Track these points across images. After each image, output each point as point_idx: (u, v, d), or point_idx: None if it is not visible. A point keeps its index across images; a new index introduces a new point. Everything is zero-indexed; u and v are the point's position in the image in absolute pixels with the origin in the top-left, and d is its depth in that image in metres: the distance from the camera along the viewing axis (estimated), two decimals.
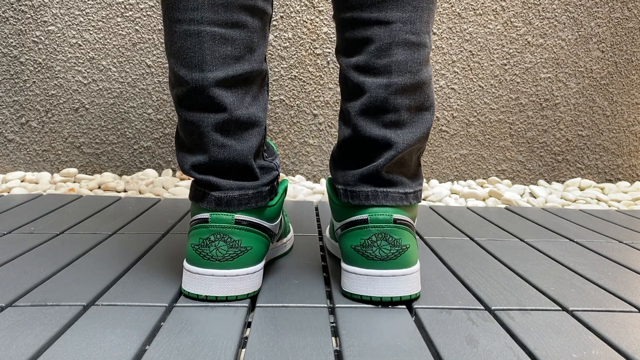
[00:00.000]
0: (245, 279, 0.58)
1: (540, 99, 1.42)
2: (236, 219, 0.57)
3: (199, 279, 0.57)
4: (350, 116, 0.60)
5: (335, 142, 0.66)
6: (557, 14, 1.39)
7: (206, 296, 0.58)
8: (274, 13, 1.34)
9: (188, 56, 0.56)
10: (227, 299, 0.58)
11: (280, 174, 0.64)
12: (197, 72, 0.56)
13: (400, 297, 0.58)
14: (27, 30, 1.32)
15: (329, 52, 1.36)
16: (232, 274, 0.57)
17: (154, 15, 1.33)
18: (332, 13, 0.63)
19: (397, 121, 0.59)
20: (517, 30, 1.39)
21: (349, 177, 0.60)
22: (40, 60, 1.33)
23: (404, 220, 0.59)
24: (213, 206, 0.57)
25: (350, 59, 0.60)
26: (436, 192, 1.28)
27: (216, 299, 0.58)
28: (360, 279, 0.58)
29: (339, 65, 0.68)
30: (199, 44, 0.55)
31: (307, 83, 1.37)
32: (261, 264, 0.61)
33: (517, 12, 1.38)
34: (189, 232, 0.59)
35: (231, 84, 0.57)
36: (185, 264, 0.59)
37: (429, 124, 0.60)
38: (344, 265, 0.61)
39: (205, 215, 0.57)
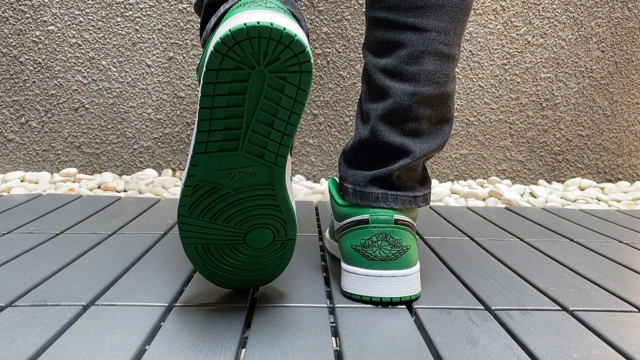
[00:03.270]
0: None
1: (540, 98, 1.42)
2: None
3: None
4: (370, 118, 0.60)
5: (349, 140, 0.66)
6: (557, 13, 1.39)
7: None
8: None
9: None
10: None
11: None
12: None
13: (400, 297, 0.58)
14: (27, 30, 1.32)
15: (329, 52, 1.36)
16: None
17: (153, 15, 1.33)
18: (364, 9, 0.62)
19: (417, 130, 0.59)
20: (517, 30, 1.39)
21: (359, 178, 0.60)
22: (40, 60, 1.33)
23: (405, 221, 0.59)
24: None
25: (378, 60, 0.59)
26: (436, 192, 1.28)
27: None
28: (360, 279, 0.58)
29: (363, 60, 0.67)
30: None
31: None
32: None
33: (517, 12, 1.38)
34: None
35: None
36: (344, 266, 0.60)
37: (447, 136, 0.60)
38: (343, 265, 0.61)
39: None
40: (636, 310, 0.60)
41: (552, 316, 0.57)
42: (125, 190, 1.24)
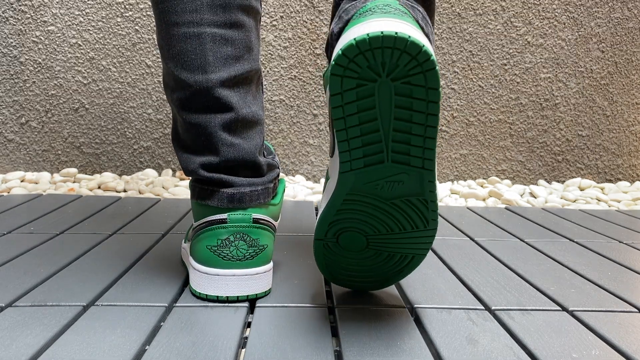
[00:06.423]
0: (263, 276, 0.58)
1: (540, 99, 1.42)
2: (253, 218, 0.57)
3: (218, 280, 0.57)
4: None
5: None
6: (557, 14, 1.39)
7: (227, 297, 0.57)
8: (273, 13, 1.34)
9: (189, 59, 0.56)
10: (247, 298, 0.58)
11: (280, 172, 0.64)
12: (200, 74, 0.56)
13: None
14: (27, 30, 1.32)
15: None
16: (253, 273, 0.57)
17: (154, 16, 1.33)
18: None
19: None
20: (517, 30, 1.39)
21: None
22: (40, 60, 1.33)
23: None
24: (225, 203, 0.57)
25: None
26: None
27: (237, 299, 0.57)
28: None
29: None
30: (200, 46, 0.55)
31: (307, 83, 1.37)
32: (272, 262, 0.61)
33: (517, 12, 1.38)
34: (199, 234, 0.58)
35: (234, 84, 0.57)
36: (198, 265, 0.58)
37: None
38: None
39: (223, 215, 0.57)
40: (636, 310, 0.60)
41: (552, 316, 0.57)
42: (125, 191, 1.24)
